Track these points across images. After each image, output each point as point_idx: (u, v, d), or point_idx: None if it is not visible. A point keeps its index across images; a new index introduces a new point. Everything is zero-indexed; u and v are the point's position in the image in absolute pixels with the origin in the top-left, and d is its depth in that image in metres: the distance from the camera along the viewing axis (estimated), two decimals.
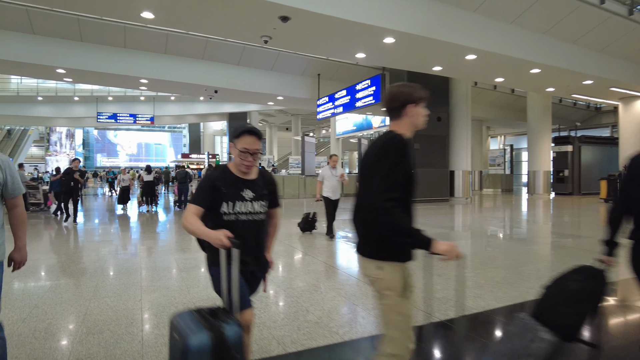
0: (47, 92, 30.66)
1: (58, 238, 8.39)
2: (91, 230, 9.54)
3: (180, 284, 4.78)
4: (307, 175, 18.90)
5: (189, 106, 34.22)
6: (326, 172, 8.12)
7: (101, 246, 7.25)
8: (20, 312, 3.72)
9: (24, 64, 13.11)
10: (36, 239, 7.96)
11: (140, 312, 3.74)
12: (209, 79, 15.51)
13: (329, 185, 8.10)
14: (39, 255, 6.33)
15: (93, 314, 3.66)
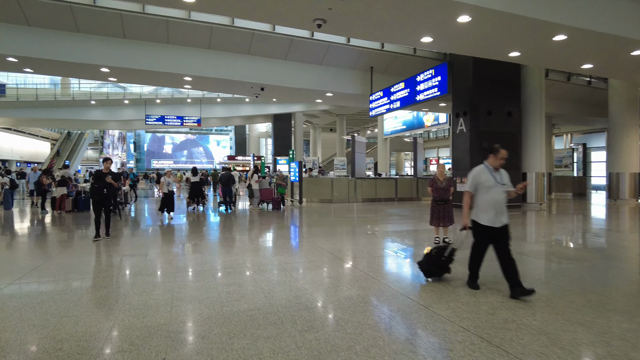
0: (100, 96, 31.22)
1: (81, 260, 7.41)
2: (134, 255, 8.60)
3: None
4: (358, 177, 17.35)
5: (234, 108, 33.75)
6: (485, 177, 4.57)
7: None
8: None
9: (70, 63, 12.56)
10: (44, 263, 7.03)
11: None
12: (255, 76, 14.39)
13: (492, 201, 4.49)
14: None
15: None
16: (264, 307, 4.01)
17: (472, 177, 4.68)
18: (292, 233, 9.21)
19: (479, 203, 4.58)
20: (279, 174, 14.80)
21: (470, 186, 4.67)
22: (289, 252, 6.85)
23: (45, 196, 12.99)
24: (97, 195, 7.84)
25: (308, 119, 42.43)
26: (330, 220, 11.27)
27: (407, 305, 4.11)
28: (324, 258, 6.33)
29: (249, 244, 7.67)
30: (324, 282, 5.01)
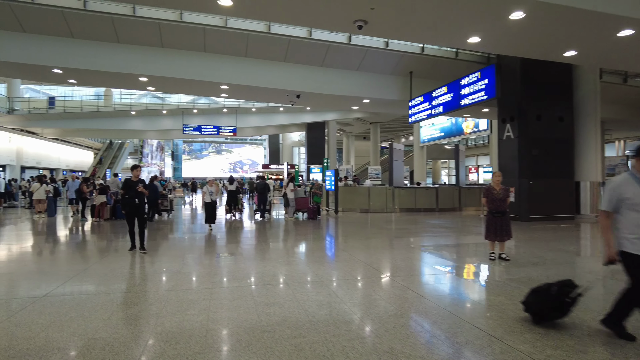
0: (139, 106, 32.08)
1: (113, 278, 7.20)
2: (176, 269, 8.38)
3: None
4: (396, 186, 16.67)
5: (269, 117, 33.88)
6: (633, 190, 3.38)
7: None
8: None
9: (110, 73, 12.71)
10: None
11: None
12: (291, 83, 14.10)
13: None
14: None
15: None
16: (310, 334, 3.52)
17: (612, 190, 3.49)
18: (331, 245, 8.71)
19: (627, 225, 3.38)
20: (314, 182, 14.37)
21: (609, 203, 3.50)
22: (330, 266, 6.35)
23: (85, 204, 13.13)
24: (129, 206, 7.26)
25: (341, 127, 42.05)
26: (370, 232, 10.69)
27: (476, 337, 3.50)
28: (369, 275, 5.79)
29: (287, 257, 7.22)
30: (373, 304, 4.47)
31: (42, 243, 8.79)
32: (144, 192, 7.30)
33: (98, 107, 30.84)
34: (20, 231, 10.86)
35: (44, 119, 28.64)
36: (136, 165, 7.64)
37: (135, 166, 7.61)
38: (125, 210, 7.34)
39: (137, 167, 7.59)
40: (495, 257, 6.76)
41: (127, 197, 7.23)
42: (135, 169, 7.56)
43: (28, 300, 4.44)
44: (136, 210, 7.26)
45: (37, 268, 6.27)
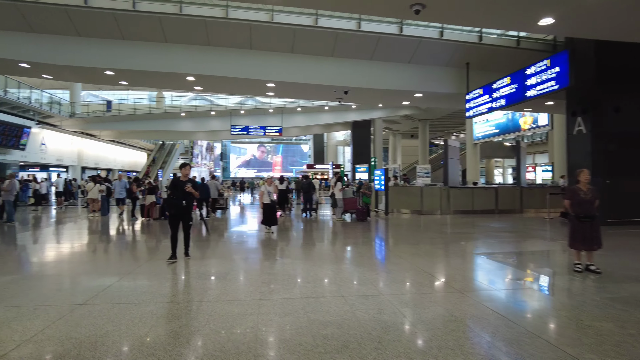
0: (189, 108, 32.79)
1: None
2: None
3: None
4: (451, 186, 15.59)
5: (314, 116, 33.54)
6: None
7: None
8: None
9: (158, 73, 12.72)
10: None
11: None
12: (339, 79, 13.48)
13: None
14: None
15: None
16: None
17: None
18: (386, 251, 7.99)
19: None
20: (363, 182, 13.67)
21: None
22: (389, 276, 5.65)
23: (135, 203, 13.23)
24: (175, 208, 6.44)
25: (388, 125, 40.95)
26: (427, 236, 9.84)
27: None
28: (435, 288, 5.04)
29: (339, 263, 6.61)
30: (449, 327, 3.74)
31: (90, 243, 8.74)
32: (193, 193, 6.56)
33: (150, 109, 31.85)
34: (72, 230, 11.02)
35: (101, 121, 29.92)
36: (185, 164, 6.78)
37: (184, 164, 6.74)
38: (170, 212, 6.59)
39: (186, 166, 6.73)
40: (582, 269, 5.77)
41: (173, 198, 6.49)
42: (184, 167, 6.72)
43: (66, 309, 4.12)
44: (182, 213, 6.48)
45: (80, 270, 6.07)
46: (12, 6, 10.75)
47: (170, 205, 6.61)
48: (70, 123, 28.71)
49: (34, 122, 25.35)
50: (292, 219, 13.56)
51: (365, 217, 12.32)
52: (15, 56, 11.74)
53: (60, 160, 29.39)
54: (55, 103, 27.49)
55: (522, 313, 4.17)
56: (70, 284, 5.26)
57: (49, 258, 7.04)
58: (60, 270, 6.07)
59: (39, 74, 13.38)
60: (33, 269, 6.11)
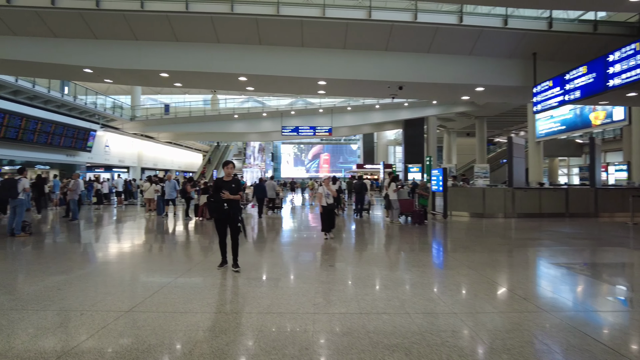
0: (241, 110, 33.34)
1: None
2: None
3: None
4: (517, 187, 14.36)
5: (364, 115, 32.87)
6: None
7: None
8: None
9: (211, 74, 12.74)
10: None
11: None
12: (393, 73, 12.80)
13: None
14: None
15: None
16: None
17: None
18: (452, 259, 7.25)
19: None
20: (419, 182, 12.91)
21: None
22: (461, 291, 5.00)
23: (189, 203, 13.36)
24: (217, 212, 5.71)
25: (442, 123, 39.32)
26: (494, 243, 8.96)
27: None
28: (514, 304, 4.32)
29: (401, 274, 6.01)
30: (541, 356, 3.08)
31: (143, 243, 8.76)
32: (233, 198, 5.63)
33: (205, 111, 32.72)
34: (127, 229, 11.24)
35: (159, 124, 31.13)
36: (228, 162, 5.86)
37: (226, 162, 5.81)
38: (214, 216, 5.89)
39: (229, 164, 5.80)
40: None
41: (213, 201, 5.72)
42: (227, 165, 5.77)
43: (111, 316, 3.90)
44: (227, 217, 5.69)
45: (131, 272, 5.95)
46: (77, 15, 11.17)
47: (211, 209, 5.92)
48: (131, 126, 30.12)
49: (99, 125, 26.82)
50: (344, 220, 13.10)
51: (423, 220, 11.56)
52: (80, 62, 12.21)
53: (122, 162, 30.94)
54: (117, 107, 28.98)
55: (629, 343, 3.39)
56: (120, 286, 5.11)
57: (103, 258, 7.05)
58: (112, 271, 6.00)
59: (100, 79, 13.89)
60: (87, 269, 6.09)
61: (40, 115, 21.37)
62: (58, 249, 8.07)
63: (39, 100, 21.74)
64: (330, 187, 9.06)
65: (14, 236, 8.74)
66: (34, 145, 21.30)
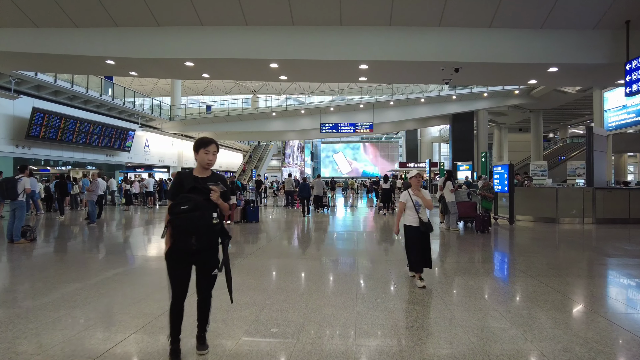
0: (279, 108, 32.11)
1: None
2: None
3: None
4: (597, 187, 11.82)
5: (408, 110, 30.54)
6: None
7: None
8: None
9: (240, 61, 11.26)
10: None
11: None
12: (448, 53, 10.75)
13: None
14: None
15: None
16: None
17: None
18: (539, 282, 5.20)
19: None
20: (483, 181, 10.78)
21: None
22: (564, 336, 3.06)
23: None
24: (180, 239, 2.74)
25: (492, 117, 36.15)
26: (594, 259, 6.80)
27: None
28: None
29: (497, 300, 4.12)
30: None
31: (155, 255, 7.35)
32: (220, 206, 2.86)
33: (243, 110, 31.75)
34: (144, 235, 9.96)
35: (198, 123, 30.48)
36: (206, 141, 2.97)
37: (205, 142, 2.97)
38: (174, 248, 2.79)
39: (209, 144, 2.95)
40: None
41: (179, 214, 2.71)
42: (205, 147, 2.94)
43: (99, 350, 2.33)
44: (201, 249, 2.80)
45: (127, 293, 4.44)
46: (96, 1, 10.03)
47: (177, 227, 2.76)
48: (170, 125, 29.62)
49: (138, 125, 26.41)
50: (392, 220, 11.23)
51: (488, 227, 9.41)
52: (101, 52, 11.11)
53: (162, 161, 30.54)
54: (156, 107, 28.54)
55: None
56: (105, 313, 3.60)
57: (104, 273, 5.62)
58: (109, 289, 4.52)
59: (125, 72, 12.83)
60: (81, 295, 4.66)
61: (79, 115, 21.00)
62: (57, 260, 6.78)
63: (78, 101, 21.42)
64: (423, 194, 5.01)
65: (12, 242, 7.61)
66: (74, 145, 20.95)
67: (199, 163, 2.98)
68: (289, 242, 8.76)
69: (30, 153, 18.88)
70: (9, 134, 17.62)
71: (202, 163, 2.96)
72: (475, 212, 9.93)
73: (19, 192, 7.66)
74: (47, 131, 18.87)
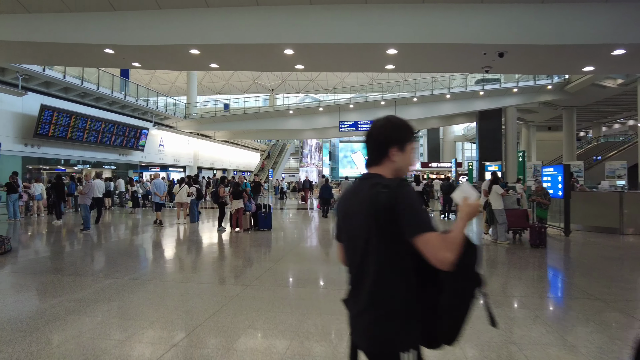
0: (297, 106, 30.75)
1: None
2: None
3: None
4: None
5: (432, 107, 28.65)
6: None
7: None
8: None
9: (250, 47, 9.82)
10: None
11: None
12: (492, 34, 9.04)
13: None
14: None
15: None
16: None
17: None
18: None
19: None
20: (535, 184, 9.04)
21: None
22: None
23: (223, 210, 10.51)
24: None
25: (521, 115, 33.81)
26: None
27: None
28: None
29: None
30: None
31: (150, 271, 5.93)
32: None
33: (259, 108, 30.48)
34: (143, 245, 8.61)
35: (213, 121, 29.33)
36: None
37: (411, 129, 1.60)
38: None
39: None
40: None
41: None
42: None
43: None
44: None
45: (99, 332, 3.02)
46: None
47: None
48: (185, 124, 28.56)
49: (152, 123, 25.39)
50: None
51: (544, 240, 7.66)
52: (99, 40, 9.83)
53: (177, 161, 29.51)
54: (171, 105, 27.53)
55: None
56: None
57: (57, 307, 4.24)
58: (76, 326, 3.12)
59: (127, 62, 11.56)
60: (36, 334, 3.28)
61: (90, 112, 20.03)
62: (27, 280, 5.44)
63: (89, 98, 20.44)
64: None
65: None
66: (85, 144, 19.97)
67: (404, 166, 1.55)
68: (311, 259, 7.26)
69: (39, 152, 17.95)
70: (18, 133, 16.70)
71: (409, 165, 1.58)
72: (527, 222, 8.20)
73: None
74: (56, 129, 17.89)
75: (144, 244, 8.68)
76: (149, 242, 8.87)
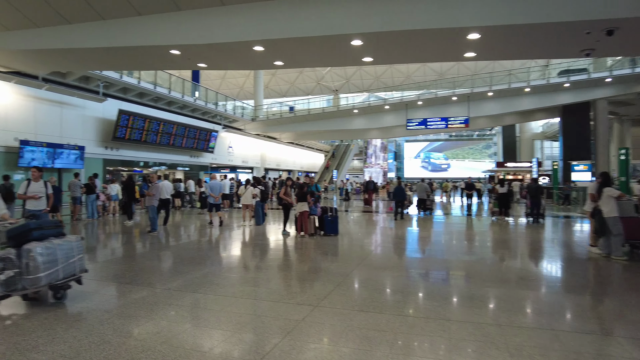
0: (361, 105, 29.84)
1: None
2: None
3: None
4: None
5: (509, 102, 26.23)
6: None
7: None
8: None
9: (315, 39, 9.18)
10: None
11: None
12: (599, 8, 7.50)
13: None
14: None
15: None
16: None
17: None
18: None
19: None
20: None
21: None
22: None
23: (288, 213, 9.93)
24: None
25: (612, 108, 29.82)
26: None
27: None
28: None
29: None
30: None
31: (194, 287, 5.45)
32: None
33: (323, 108, 30.06)
34: (200, 252, 8.29)
35: (279, 123, 29.42)
36: None
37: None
38: None
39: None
40: None
41: None
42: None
43: None
44: None
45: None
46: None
47: None
48: (252, 126, 28.94)
49: (221, 126, 25.96)
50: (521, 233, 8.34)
51: None
52: (165, 41, 9.82)
53: (245, 162, 30.00)
54: (239, 107, 28.01)
55: None
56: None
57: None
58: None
59: (193, 63, 11.50)
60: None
61: (163, 116, 20.78)
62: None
63: (162, 102, 21.26)
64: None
65: None
66: (158, 146, 20.76)
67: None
68: (386, 273, 6.38)
69: (117, 154, 18.90)
70: (99, 136, 17.69)
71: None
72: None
73: None
74: (131, 133, 18.70)
75: (202, 250, 8.35)
76: (208, 248, 8.53)
